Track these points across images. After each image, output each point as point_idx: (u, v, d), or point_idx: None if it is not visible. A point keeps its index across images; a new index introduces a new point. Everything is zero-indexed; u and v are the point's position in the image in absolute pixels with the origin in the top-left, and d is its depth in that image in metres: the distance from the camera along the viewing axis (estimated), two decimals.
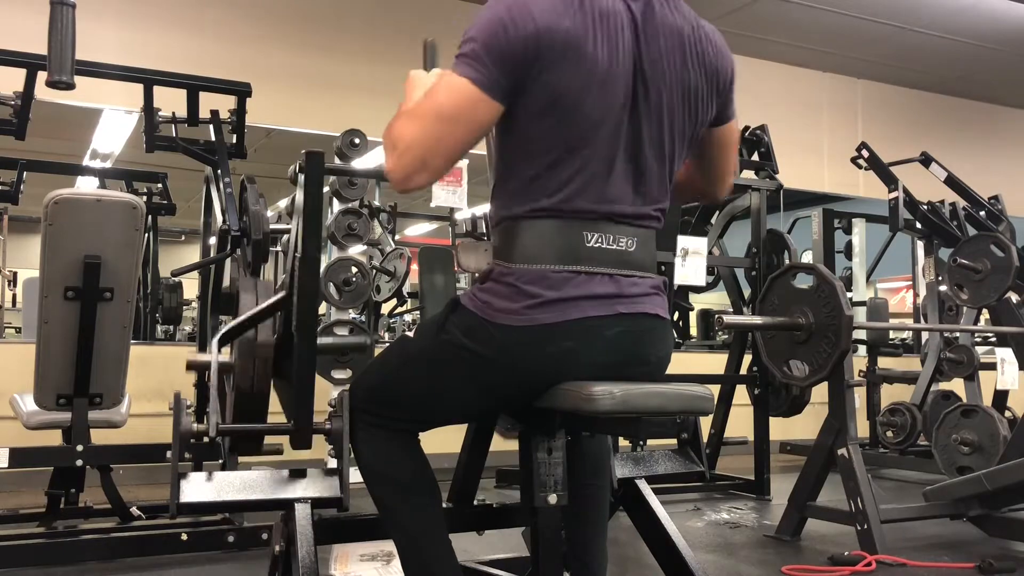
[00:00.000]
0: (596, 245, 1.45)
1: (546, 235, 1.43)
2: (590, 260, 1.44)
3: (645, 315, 1.49)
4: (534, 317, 1.40)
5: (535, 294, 1.41)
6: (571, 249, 1.43)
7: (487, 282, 1.47)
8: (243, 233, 2.69)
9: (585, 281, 1.43)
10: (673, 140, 1.50)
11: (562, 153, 1.41)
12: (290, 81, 5.07)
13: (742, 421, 4.41)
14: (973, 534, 3.21)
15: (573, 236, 1.43)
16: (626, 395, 1.40)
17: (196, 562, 2.70)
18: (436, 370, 1.52)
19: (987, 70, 6.82)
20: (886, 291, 9.77)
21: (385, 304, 6.04)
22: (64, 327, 2.70)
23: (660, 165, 1.50)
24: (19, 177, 4.24)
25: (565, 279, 1.42)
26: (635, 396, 1.42)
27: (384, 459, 1.57)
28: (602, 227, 1.45)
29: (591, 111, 1.40)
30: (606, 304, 1.44)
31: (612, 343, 1.45)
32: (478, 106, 1.37)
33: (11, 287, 7.46)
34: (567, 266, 1.43)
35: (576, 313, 1.41)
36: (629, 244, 1.48)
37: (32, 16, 3.41)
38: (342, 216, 4.17)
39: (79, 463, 2.83)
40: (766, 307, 3.16)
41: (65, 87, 2.46)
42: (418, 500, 1.56)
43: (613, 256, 1.46)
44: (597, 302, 1.43)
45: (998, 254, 3.98)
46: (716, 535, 3.34)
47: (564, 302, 1.41)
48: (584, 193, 1.43)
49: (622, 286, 1.46)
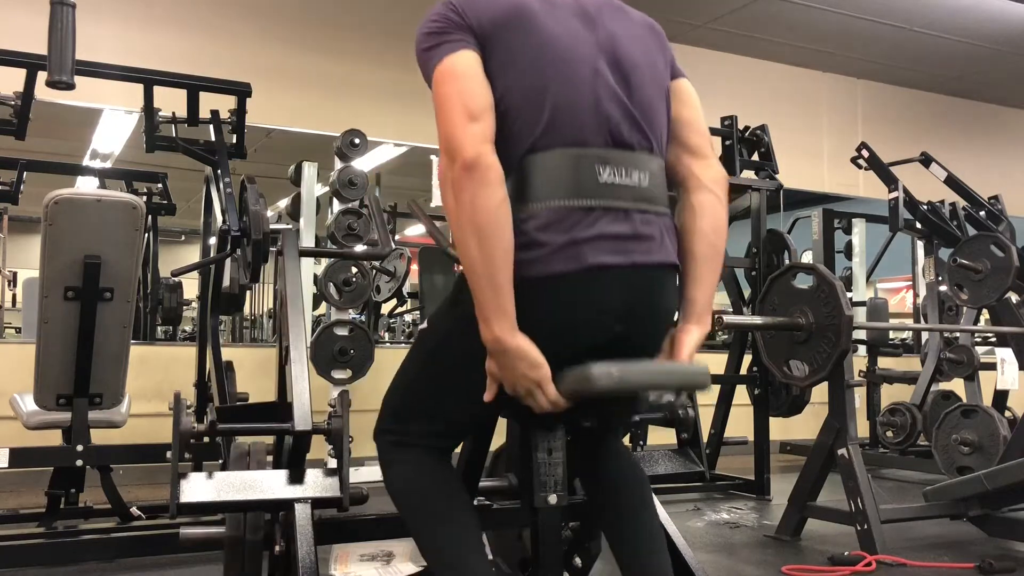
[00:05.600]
0: (609, 180, 1.43)
1: (556, 169, 1.41)
2: (603, 195, 1.42)
3: (660, 265, 1.48)
4: (548, 267, 1.38)
5: (546, 241, 1.38)
6: (583, 183, 1.41)
7: None
8: (243, 233, 2.69)
9: (599, 219, 1.41)
10: (646, 82, 1.51)
11: (546, 82, 1.42)
12: (290, 81, 5.07)
13: (742, 421, 4.41)
14: (973, 534, 3.21)
15: (585, 169, 1.41)
16: (624, 373, 1.38)
17: (196, 562, 2.70)
18: (460, 348, 1.46)
19: (987, 70, 6.82)
20: (886, 291, 9.77)
21: (385, 304, 6.06)
22: (64, 327, 2.70)
23: (655, 98, 1.51)
24: (19, 177, 4.24)
25: (578, 219, 1.39)
26: (633, 374, 1.41)
27: (416, 485, 1.53)
28: (614, 158, 1.44)
29: (562, 50, 1.44)
30: (621, 249, 1.42)
31: (625, 292, 1.43)
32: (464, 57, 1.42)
33: (11, 287, 7.47)
34: (580, 200, 1.40)
35: (591, 258, 1.39)
36: (642, 178, 1.46)
37: (32, 16, 3.41)
38: (342, 216, 4.17)
39: (79, 463, 2.83)
40: (766, 307, 3.16)
41: (65, 87, 2.46)
42: (454, 527, 1.50)
43: (627, 192, 1.44)
44: (611, 244, 1.41)
45: (998, 254, 3.98)
46: (716, 535, 3.34)
47: (577, 245, 1.38)
48: (582, 120, 1.42)
49: (636, 225, 1.44)
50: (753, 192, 4.30)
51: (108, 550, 2.72)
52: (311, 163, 4.85)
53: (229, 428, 1.82)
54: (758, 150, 4.65)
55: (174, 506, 1.62)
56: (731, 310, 4.64)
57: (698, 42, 6.19)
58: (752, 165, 4.59)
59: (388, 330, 7.46)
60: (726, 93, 6.02)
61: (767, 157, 4.61)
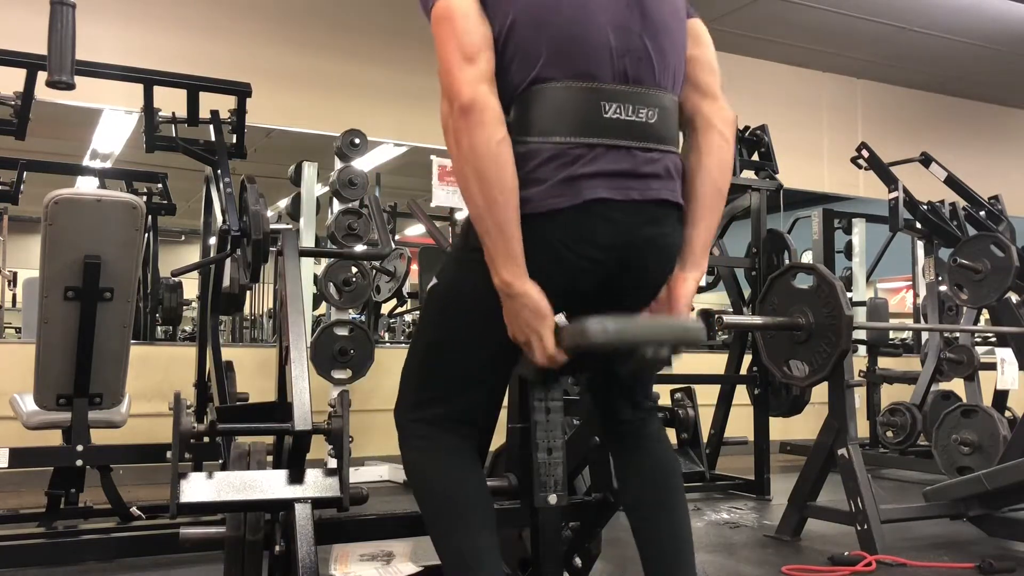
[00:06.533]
0: (614, 116, 1.39)
1: (559, 103, 1.38)
2: (607, 132, 1.39)
3: (660, 202, 1.44)
4: (544, 203, 1.36)
5: (544, 177, 1.36)
6: (587, 120, 1.38)
7: None
8: (243, 233, 2.69)
9: (600, 155, 1.38)
10: (664, 14, 1.47)
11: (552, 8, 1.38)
12: (290, 81, 5.07)
13: (742, 421, 4.41)
14: (973, 534, 3.21)
15: (589, 106, 1.38)
16: (619, 327, 1.38)
17: (196, 562, 2.70)
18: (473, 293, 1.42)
19: (987, 70, 6.82)
20: (886, 291, 9.77)
21: (385, 304, 6.06)
22: (64, 327, 2.70)
23: (676, 31, 1.48)
24: (19, 177, 4.24)
25: (579, 155, 1.37)
26: (629, 328, 1.40)
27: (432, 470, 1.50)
28: (621, 94, 1.40)
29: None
30: (620, 186, 1.39)
31: (621, 227, 1.40)
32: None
33: (11, 287, 7.47)
34: (583, 138, 1.37)
35: (588, 193, 1.36)
36: (650, 115, 1.42)
37: (32, 16, 3.41)
38: (342, 216, 4.18)
39: (79, 463, 2.83)
40: (766, 307, 3.16)
41: (65, 87, 2.45)
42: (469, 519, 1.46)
43: (633, 129, 1.40)
44: (610, 181, 1.38)
45: (998, 254, 3.98)
46: (716, 535, 3.34)
47: (575, 181, 1.36)
48: (590, 51, 1.38)
49: (639, 163, 1.41)
50: (753, 192, 4.30)
51: (108, 550, 2.72)
52: (311, 163, 4.85)
53: (229, 428, 1.82)
54: (758, 150, 4.65)
55: (174, 506, 1.62)
56: (731, 310, 4.65)
57: None
58: (752, 165, 4.59)
59: (388, 330, 7.47)
60: (726, 93, 6.01)
61: (767, 157, 4.61)
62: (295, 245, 2.31)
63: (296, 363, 1.96)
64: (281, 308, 2.23)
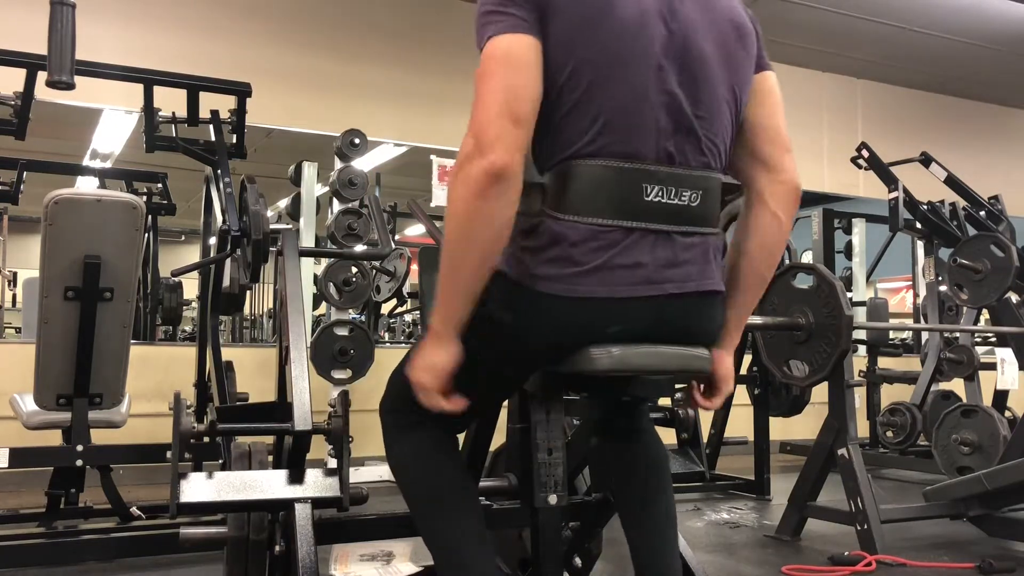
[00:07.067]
0: (656, 200, 1.32)
1: (600, 182, 1.30)
2: (647, 216, 1.32)
3: (699, 294, 1.37)
4: (577, 287, 1.29)
5: (580, 260, 1.29)
6: (627, 201, 1.30)
7: (531, 235, 1.33)
8: (243, 233, 2.69)
9: (638, 241, 1.31)
10: (717, 85, 1.37)
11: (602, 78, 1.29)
12: (290, 81, 5.07)
13: (742, 421, 4.41)
14: (973, 534, 3.21)
15: (631, 187, 1.30)
16: (624, 354, 1.36)
17: (196, 562, 2.70)
18: (473, 346, 1.36)
19: (987, 70, 6.82)
20: (886, 291, 9.77)
21: (385, 304, 6.05)
22: (64, 327, 2.70)
23: (725, 103, 1.39)
24: (19, 177, 4.24)
25: (616, 239, 1.30)
26: (632, 355, 1.38)
27: (416, 463, 1.50)
28: (664, 177, 1.32)
29: (628, 41, 1.30)
30: (656, 279, 1.32)
31: (656, 321, 1.36)
32: (523, 43, 1.27)
33: (11, 287, 7.47)
34: (621, 221, 1.30)
35: (622, 289, 1.30)
36: (694, 198, 1.35)
37: (32, 16, 3.41)
38: (342, 216, 4.18)
39: (79, 463, 2.83)
40: (766, 307, 3.16)
41: (65, 87, 2.46)
42: (454, 508, 1.47)
43: (674, 213, 1.33)
44: (647, 273, 1.31)
45: (998, 254, 3.98)
46: (716, 535, 3.34)
47: (611, 271, 1.30)
48: (635, 130, 1.30)
49: (677, 250, 1.34)
50: None
51: (108, 550, 2.72)
52: (311, 163, 4.85)
53: (229, 428, 1.82)
54: None
55: (174, 506, 1.62)
56: None
57: None
58: None
59: (388, 330, 7.47)
60: None
61: None
62: (295, 245, 2.32)
63: (296, 363, 1.96)
64: (281, 308, 2.23)
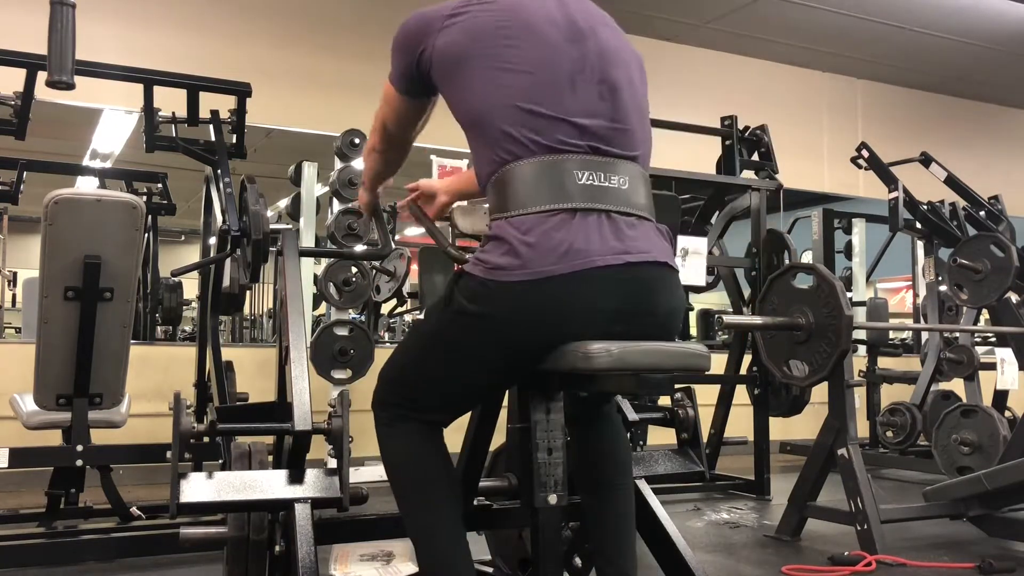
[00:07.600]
0: (587, 182, 1.45)
1: (535, 176, 1.44)
2: (584, 197, 1.44)
3: (654, 263, 1.48)
4: (537, 269, 1.39)
5: (533, 243, 1.40)
6: (563, 186, 1.43)
7: (487, 244, 1.47)
8: (243, 233, 2.69)
9: (582, 221, 1.42)
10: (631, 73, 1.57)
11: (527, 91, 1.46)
12: (290, 81, 5.07)
13: (742, 421, 4.41)
14: (973, 534, 3.21)
15: (564, 174, 1.44)
16: (623, 352, 1.39)
17: (196, 562, 2.70)
18: (451, 344, 1.51)
19: (987, 70, 6.82)
20: (886, 291, 9.77)
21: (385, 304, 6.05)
22: (64, 327, 2.70)
23: (630, 94, 1.54)
24: (19, 177, 4.24)
25: (562, 221, 1.42)
26: (632, 353, 1.41)
27: (405, 453, 1.58)
28: (589, 164, 1.46)
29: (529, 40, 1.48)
30: (611, 251, 1.43)
31: (618, 294, 1.43)
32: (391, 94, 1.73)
33: (11, 287, 7.47)
34: (561, 204, 1.42)
35: (581, 262, 1.40)
36: (621, 182, 1.48)
37: (32, 16, 3.41)
38: (342, 216, 4.17)
39: (79, 463, 2.83)
40: (766, 307, 3.16)
41: (65, 87, 2.45)
42: (436, 497, 1.56)
43: (608, 195, 1.46)
44: (600, 247, 1.42)
45: (998, 254, 3.98)
46: (716, 535, 3.34)
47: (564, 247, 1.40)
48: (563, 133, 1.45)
49: (620, 227, 1.45)
50: (753, 192, 4.30)
51: (108, 550, 2.72)
52: (311, 163, 4.85)
53: (229, 428, 1.82)
54: (758, 150, 4.65)
55: (174, 506, 1.62)
56: (731, 310, 4.64)
57: (698, 42, 6.19)
58: (752, 165, 4.59)
59: (388, 330, 7.45)
60: (726, 93, 6.02)
61: (767, 157, 4.61)
62: (295, 245, 2.32)
63: (296, 363, 1.96)
64: (281, 308, 2.23)
